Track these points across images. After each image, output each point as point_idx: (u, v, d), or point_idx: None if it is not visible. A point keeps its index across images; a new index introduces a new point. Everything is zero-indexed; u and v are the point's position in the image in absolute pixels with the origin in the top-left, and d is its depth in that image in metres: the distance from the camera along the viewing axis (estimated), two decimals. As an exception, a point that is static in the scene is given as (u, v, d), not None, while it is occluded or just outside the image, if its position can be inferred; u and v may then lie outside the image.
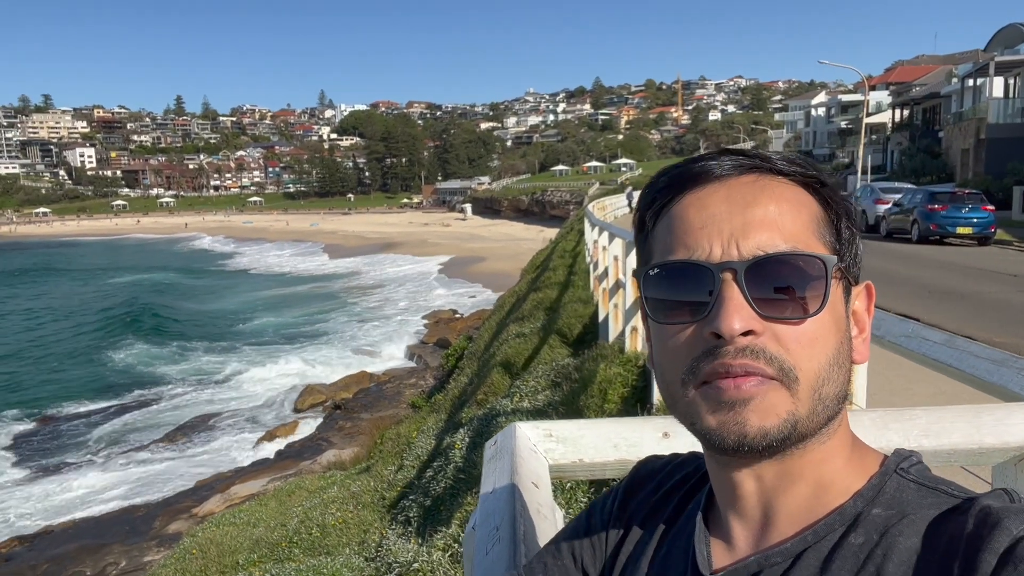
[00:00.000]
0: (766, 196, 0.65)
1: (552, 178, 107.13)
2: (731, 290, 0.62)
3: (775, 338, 0.62)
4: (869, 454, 0.69)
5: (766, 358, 0.61)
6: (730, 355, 0.61)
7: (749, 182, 0.66)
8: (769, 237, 0.63)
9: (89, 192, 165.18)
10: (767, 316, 0.62)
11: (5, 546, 13.40)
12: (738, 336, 0.61)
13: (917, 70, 60.84)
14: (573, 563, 0.82)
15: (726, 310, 0.61)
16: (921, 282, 11.47)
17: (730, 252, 0.63)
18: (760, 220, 0.64)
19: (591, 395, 5.73)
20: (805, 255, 0.64)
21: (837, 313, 0.66)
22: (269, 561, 7.10)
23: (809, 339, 0.63)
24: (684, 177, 0.68)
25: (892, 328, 2.00)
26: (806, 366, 0.62)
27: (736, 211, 0.64)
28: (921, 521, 0.60)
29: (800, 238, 0.64)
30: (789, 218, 0.65)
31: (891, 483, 0.64)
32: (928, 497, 0.62)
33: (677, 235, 0.66)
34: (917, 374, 5.47)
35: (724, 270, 0.63)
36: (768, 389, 0.61)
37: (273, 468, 15.79)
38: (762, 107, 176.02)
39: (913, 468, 0.66)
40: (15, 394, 23.97)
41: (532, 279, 19.49)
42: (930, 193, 18.76)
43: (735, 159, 0.68)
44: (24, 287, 52.33)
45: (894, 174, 39.76)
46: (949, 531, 0.57)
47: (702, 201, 0.66)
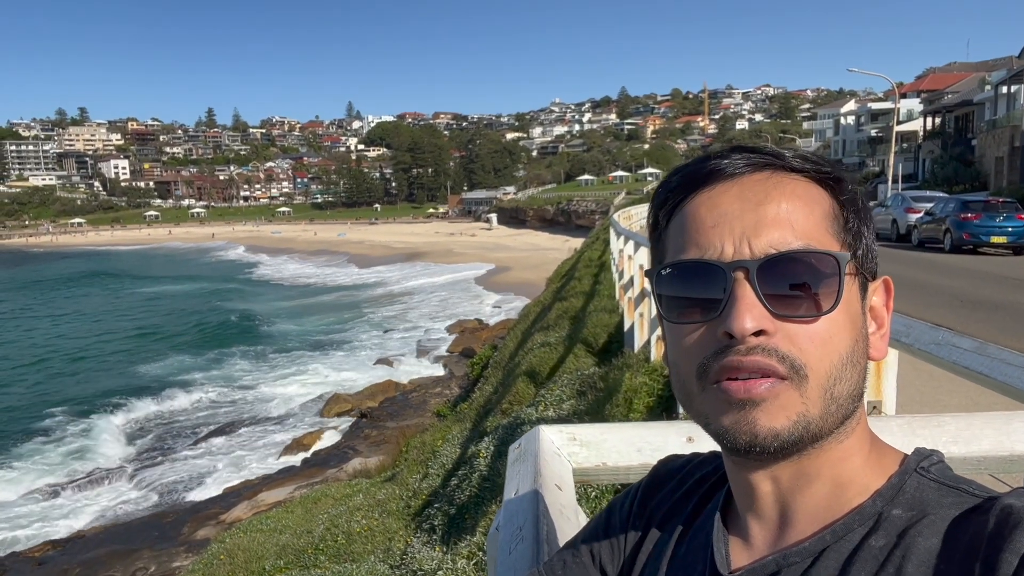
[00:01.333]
0: (778, 193, 0.65)
1: (578, 188, 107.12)
2: (743, 289, 0.62)
3: (787, 337, 0.62)
4: (889, 453, 0.68)
5: (778, 356, 0.61)
6: (741, 353, 0.61)
7: (761, 179, 0.66)
8: (781, 235, 0.63)
9: (123, 203, 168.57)
10: (780, 315, 0.62)
11: (38, 550, 13.64)
12: (750, 335, 0.61)
13: (949, 77, 59.93)
14: (592, 561, 0.82)
15: (738, 309, 0.61)
16: (954, 292, 11.26)
17: (742, 251, 0.63)
18: (772, 218, 0.63)
19: (616, 404, 5.70)
20: (818, 252, 0.63)
21: (852, 310, 0.65)
22: (295, 568, 7.15)
23: (822, 337, 0.62)
24: (696, 175, 0.68)
25: (922, 335, 1.97)
26: (817, 365, 0.62)
27: (748, 209, 0.64)
28: (941, 521, 0.59)
29: (813, 235, 0.64)
30: (802, 215, 0.64)
31: (911, 482, 0.64)
32: (949, 496, 0.61)
33: (689, 234, 0.66)
34: (950, 383, 5.37)
35: (736, 269, 0.62)
36: (779, 390, 0.61)
37: (300, 475, 15.91)
38: (790, 116, 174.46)
39: (934, 467, 0.65)
40: (46, 397, 24.45)
41: (557, 288, 19.47)
42: (963, 202, 18.43)
43: (747, 156, 0.67)
44: (63, 294, 53.51)
45: (926, 183, 39.15)
46: (970, 531, 0.56)
47: (714, 200, 0.66)
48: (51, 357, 31.51)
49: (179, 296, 50.83)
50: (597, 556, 0.82)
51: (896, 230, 21.46)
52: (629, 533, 0.82)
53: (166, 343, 33.26)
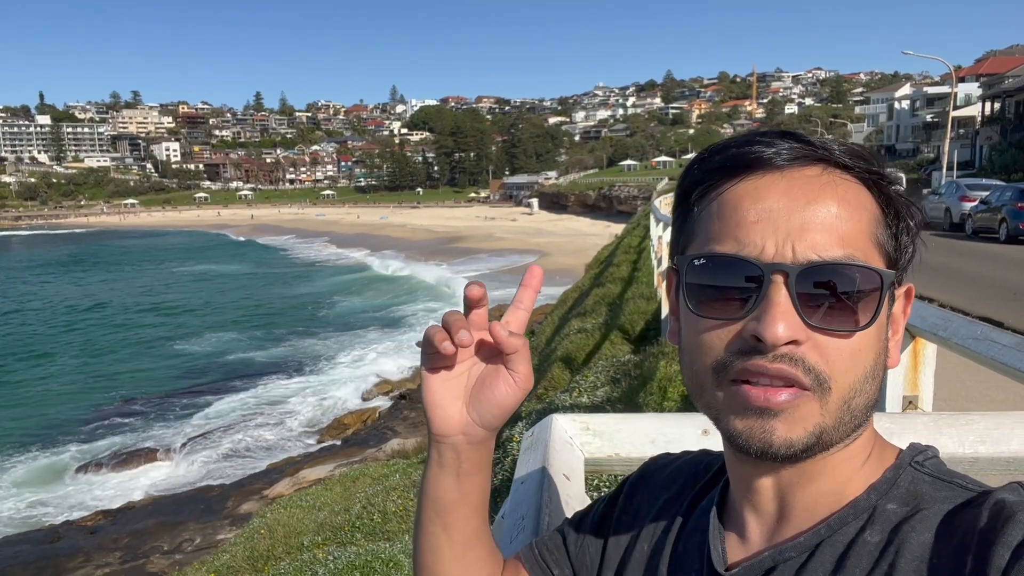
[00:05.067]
0: (828, 194, 0.61)
1: (620, 173, 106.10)
2: (780, 294, 0.59)
3: (816, 347, 0.59)
4: (887, 448, 0.67)
5: (804, 368, 0.59)
6: (768, 359, 0.59)
7: (812, 176, 0.62)
8: (826, 240, 0.59)
9: (174, 184, 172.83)
10: (814, 326, 0.59)
11: (91, 519, 14.19)
12: (781, 344, 0.58)
13: (1010, 60, 57.56)
14: (566, 553, 0.83)
15: (772, 315, 0.58)
16: (1008, 284, 10.87)
17: (784, 253, 0.59)
18: (820, 221, 0.60)
19: (650, 392, 5.67)
20: (863, 267, 0.60)
21: (881, 324, 0.62)
22: (332, 544, 7.30)
23: (851, 352, 0.60)
24: (740, 160, 0.63)
25: (960, 330, 1.91)
26: (842, 379, 0.60)
27: (795, 208, 0.60)
28: (934, 516, 0.58)
29: (858, 244, 0.61)
30: (850, 222, 0.61)
31: (905, 476, 0.63)
32: (942, 490, 0.60)
33: (728, 225, 0.62)
34: (999, 379, 5.21)
35: (776, 271, 0.59)
36: (800, 402, 0.59)
37: (340, 454, 16.22)
38: (842, 100, 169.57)
39: (928, 461, 0.64)
40: (101, 378, 25.34)
41: (596, 274, 19.37)
42: (1020, 190, 17.73)
43: (796, 147, 0.63)
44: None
45: (983, 170, 37.75)
46: (963, 525, 0.56)
47: (759, 191, 0.62)
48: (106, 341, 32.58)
49: (226, 277, 52.00)
50: (577, 545, 0.83)
51: (949, 219, 20.78)
52: (614, 529, 0.81)
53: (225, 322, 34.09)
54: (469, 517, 0.76)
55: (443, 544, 0.76)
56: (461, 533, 0.76)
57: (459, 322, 0.67)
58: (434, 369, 0.70)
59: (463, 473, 0.73)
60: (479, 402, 0.70)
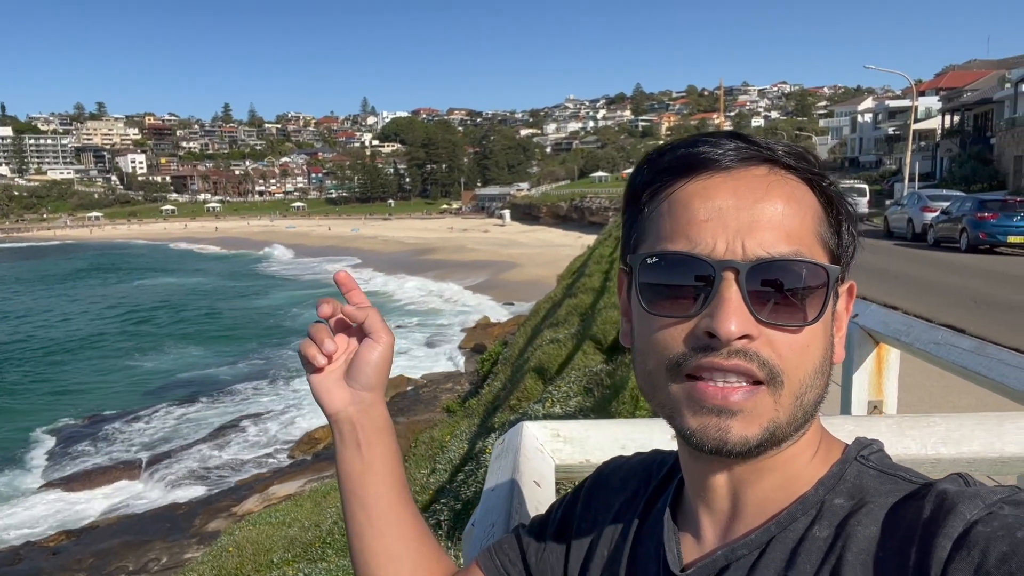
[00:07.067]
0: (774, 193, 0.62)
1: (591, 184, 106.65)
2: (731, 290, 0.60)
3: (769, 343, 0.61)
4: (835, 444, 0.68)
5: (759, 362, 0.60)
6: (723, 355, 0.60)
7: (759, 176, 0.63)
8: (774, 238, 0.61)
9: (139, 197, 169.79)
10: (764, 321, 0.61)
11: (53, 540, 13.82)
12: (734, 339, 0.60)
13: (968, 75, 59.24)
14: (523, 561, 0.83)
15: (725, 311, 0.59)
16: (969, 293, 11.12)
17: (734, 250, 0.61)
18: (768, 219, 0.61)
19: (623, 401, 5.69)
20: (810, 263, 0.62)
21: (827, 319, 0.64)
22: (302, 560, 7.20)
23: (801, 346, 0.62)
24: (689, 161, 0.65)
25: (922, 335, 1.95)
26: (794, 373, 0.61)
27: (744, 207, 0.61)
28: (880, 509, 0.59)
29: (804, 241, 0.62)
30: (796, 219, 0.62)
31: (851, 470, 0.64)
32: (887, 484, 0.62)
33: (679, 224, 0.63)
34: (961, 384, 5.31)
35: (726, 268, 0.60)
36: (756, 399, 0.60)
37: (310, 469, 16.02)
38: (807, 113, 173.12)
39: (873, 456, 0.66)
40: (65, 394, 24.74)
41: (568, 285, 19.44)
42: (980, 201, 18.20)
43: (742, 148, 0.64)
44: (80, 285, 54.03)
45: (943, 182, 38.73)
46: (907, 517, 0.57)
47: (708, 191, 0.63)
48: (62, 349, 31.85)
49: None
50: (532, 550, 0.83)
51: (911, 229, 21.23)
52: (574, 535, 0.81)
53: (188, 335, 33.51)
54: (381, 491, 0.83)
55: (362, 522, 0.83)
56: (376, 508, 0.83)
57: (321, 332, 0.80)
58: (316, 371, 0.81)
59: (364, 443, 0.83)
60: (355, 370, 0.81)
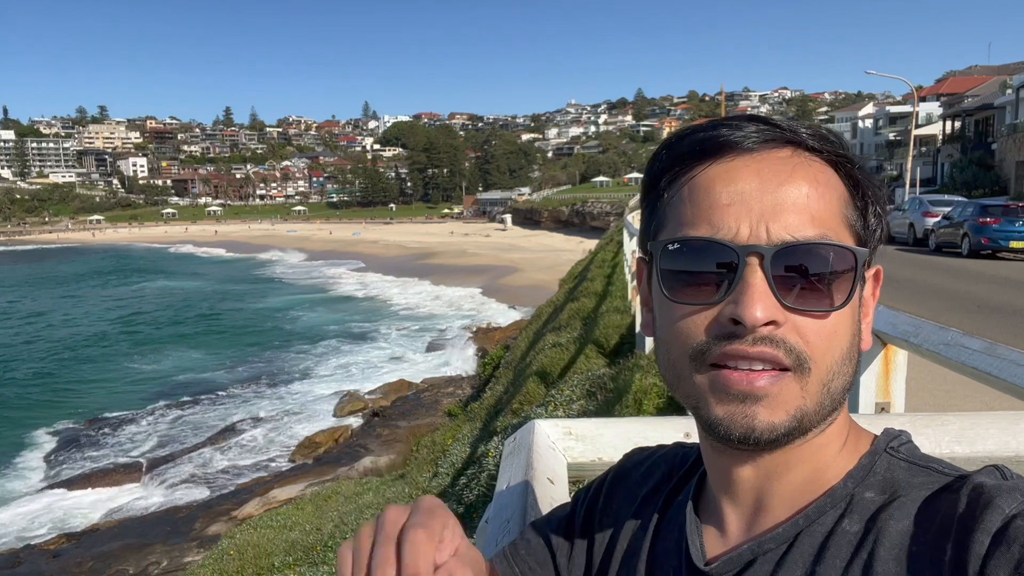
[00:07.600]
0: (799, 176, 0.61)
1: (593, 189, 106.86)
2: (755, 276, 0.58)
3: (795, 329, 0.59)
4: (863, 435, 0.67)
5: (785, 348, 0.58)
6: (748, 343, 0.58)
7: (782, 158, 0.62)
8: (799, 221, 0.59)
9: (140, 200, 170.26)
10: (791, 307, 0.59)
11: (53, 543, 13.77)
12: (760, 326, 0.58)
13: (969, 80, 59.27)
14: (548, 550, 0.81)
15: (749, 297, 0.58)
16: (971, 297, 11.12)
17: (758, 234, 0.59)
18: (792, 202, 0.60)
19: (626, 405, 5.68)
20: (837, 246, 0.60)
21: (855, 304, 0.63)
22: (304, 564, 7.18)
23: (829, 332, 0.60)
24: (710, 144, 0.63)
25: (931, 336, 1.94)
26: (821, 359, 0.60)
27: (768, 190, 0.60)
28: (912, 503, 0.58)
29: (830, 224, 0.61)
30: (821, 202, 0.61)
31: (881, 462, 0.62)
32: (919, 476, 0.60)
33: (701, 209, 0.61)
34: (964, 387, 5.31)
35: (750, 253, 0.59)
36: (782, 384, 0.59)
37: (311, 473, 15.98)
38: (807, 118, 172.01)
39: (903, 447, 0.64)
40: (66, 396, 24.73)
41: (570, 289, 19.43)
42: (981, 206, 18.23)
43: (764, 130, 0.63)
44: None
45: (944, 187, 38.75)
46: (941, 511, 0.55)
47: (731, 174, 0.61)
48: (65, 351, 31.86)
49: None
50: (556, 544, 0.81)
51: (913, 234, 21.25)
52: (598, 525, 0.80)
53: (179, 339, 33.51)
54: None
55: None
56: None
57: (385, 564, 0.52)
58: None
59: None
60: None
